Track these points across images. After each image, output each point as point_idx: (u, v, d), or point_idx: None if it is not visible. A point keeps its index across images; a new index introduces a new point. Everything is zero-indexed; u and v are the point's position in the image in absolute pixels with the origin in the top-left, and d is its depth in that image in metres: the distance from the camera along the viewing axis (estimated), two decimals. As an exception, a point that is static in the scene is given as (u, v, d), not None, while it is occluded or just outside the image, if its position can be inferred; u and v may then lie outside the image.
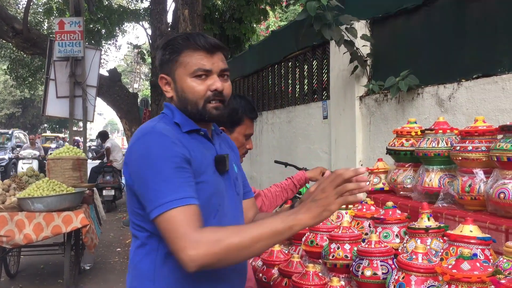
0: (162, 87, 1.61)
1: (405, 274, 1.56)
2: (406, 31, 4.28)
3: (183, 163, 1.42)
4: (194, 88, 1.53)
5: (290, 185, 2.66)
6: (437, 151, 2.13)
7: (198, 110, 1.54)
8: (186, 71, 1.53)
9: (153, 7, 9.62)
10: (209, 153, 1.56)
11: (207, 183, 1.48)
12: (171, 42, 1.57)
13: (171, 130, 1.50)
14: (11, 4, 17.82)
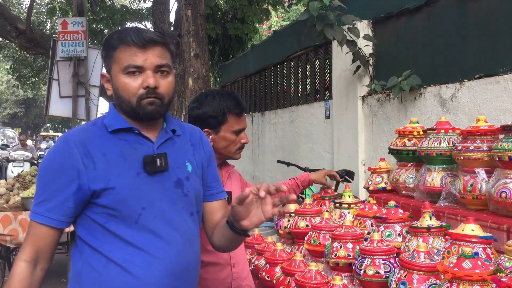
0: (104, 85, 1.56)
1: (407, 272, 1.57)
2: (408, 31, 4.29)
3: (66, 177, 1.41)
4: (126, 85, 1.46)
5: (293, 186, 2.61)
6: (439, 151, 2.15)
7: (132, 108, 1.47)
8: (119, 67, 1.47)
9: (156, 7, 9.63)
10: (138, 153, 1.48)
11: (117, 188, 1.42)
12: (108, 38, 1.52)
13: (85, 133, 1.48)
14: (14, 4, 17.87)
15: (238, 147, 2.12)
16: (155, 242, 1.44)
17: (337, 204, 2.43)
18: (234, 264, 2.09)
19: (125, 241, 1.43)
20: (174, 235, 1.48)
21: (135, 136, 1.50)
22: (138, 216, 1.44)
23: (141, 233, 1.44)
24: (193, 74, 5.63)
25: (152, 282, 1.43)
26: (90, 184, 1.41)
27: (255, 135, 8.22)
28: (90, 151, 1.43)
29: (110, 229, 1.43)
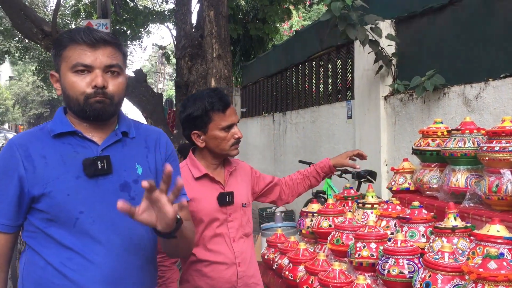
0: (53, 84, 1.53)
1: (432, 273, 1.57)
2: (432, 30, 4.26)
3: (7, 180, 1.41)
4: (74, 84, 1.43)
5: (312, 173, 2.52)
6: (463, 151, 2.13)
7: (80, 107, 1.44)
8: (67, 66, 1.44)
9: (178, 8, 9.71)
10: (80, 156, 1.45)
11: (53, 192, 1.41)
12: (59, 37, 1.49)
13: (28, 137, 1.47)
14: (40, 6, 18.23)
15: (232, 143, 2.09)
16: (92, 246, 1.43)
17: (360, 204, 2.43)
18: (240, 263, 2.11)
19: (63, 245, 1.42)
20: (113, 239, 1.44)
21: (79, 140, 1.48)
22: (76, 220, 1.42)
23: (79, 237, 1.42)
24: (215, 75, 5.67)
25: (87, 287, 1.42)
26: (30, 188, 1.41)
27: (276, 135, 8.24)
28: (31, 154, 1.42)
29: (49, 233, 1.43)
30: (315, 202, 2.76)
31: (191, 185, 2.06)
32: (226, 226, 2.12)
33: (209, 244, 2.09)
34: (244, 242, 2.17)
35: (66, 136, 1.47)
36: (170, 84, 35.40)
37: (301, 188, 2.50)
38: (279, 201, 2.47)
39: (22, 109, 36.38)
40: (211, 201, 2.09)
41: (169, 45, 19.75)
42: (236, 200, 2.13)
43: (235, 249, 2.12)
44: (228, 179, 2.16)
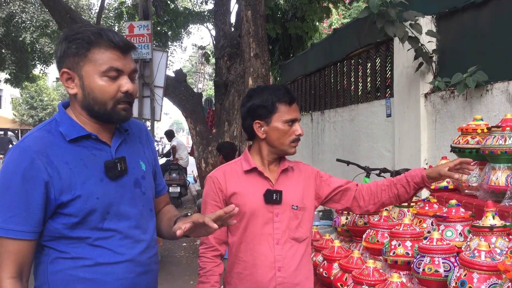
0: (64, 83, 1.49)
1: (467, 271, 1.55)
2: (474, 25, 4.14)
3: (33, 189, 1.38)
4: (105, 88, 1.44)
5: (401, 181, 2.09)
6: (504, 149, 2.08)
7: (107, 111, 1.46)
8: (96, 69, 1.43)
9: (217, 8, 9.83)
10: (98, 159, 1.48)
11: (83, 196, 1.43)
12: (80, 36, 1.44)
13: (44, 142, 1.43)
14: (85, 9, 18.81)
15: (292, 140, 2.01)
16: (120, 241, 1.49)
17: (397, 203, 2.41)
18: (280, 268, 1.96)
19: (92, 245, 1.46)
20: (136, 234, 1.52)
21: (92, 142, 1.49)
22: (104, 221, 1.46)
23: (107, 235, 1.47)
24: (252, 74, 5.72)
25: (120, 277, 1.48)
26: (57, 194, 1.41)
27: (314, 134, 8.21)
28: (53, 161, 1.41)
29: (75, 236, 1.44)
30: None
31: (240, 178, 2.02)
32: (271, 226, 1.98)
33: (251, 243, 1.99)
34: (292, 246, 2.00)
35: (82, 139, 1.48)
36: (210, 84, 35.79)
37: (385, 196, 2.10)
38: (356, 209, 2.14)
39: (68, 110, 37.58)
40: (256, 196, 1.99)
41: (209, 45, 19.98)
42: (285, 200, 2.00)
43: (276, 252, 1.97)
44: (280, 177, 2.05)
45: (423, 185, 2.04)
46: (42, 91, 34.04)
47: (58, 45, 1.48)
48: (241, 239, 2.00)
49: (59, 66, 1.49)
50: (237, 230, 2.00)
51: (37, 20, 16.40)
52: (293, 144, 2.04)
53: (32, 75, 20.90)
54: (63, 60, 1.47)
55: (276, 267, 1.95)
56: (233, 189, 2.00)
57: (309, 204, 2.07)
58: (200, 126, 10.01)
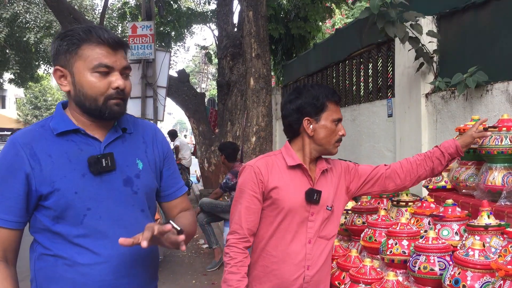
0: (57, 80, 1.50)
1: (461, 270, 1.57)
2: (474, 26, 4.16)
3: (14, 179, 1.42)
4: (94, 84, 1.45)
5: (435, 153, 2.10)
6: (500, 149, 2.10)
7: (98, 107, 1.47)
8: (86, 65, 1.45)
9: (220, 9, 9.87)
10: (84, 154, 1.48)
11: (62, 190, 1.43)
12: (70, 33, 1.46)
13: (32, 135, 1.47)
14: (88, 10, 18.88)
15: (337, 139, 2.00)
16: (100, 241, 1.47)
17: (395, 202, 2.43)
18: (309, 267, 1.96)
19: (71, 242, 1.46)
20: (119, 233, 1.45)
21: (82, 137, 1.50)
22: (83, 217, 1.45)
23: (87, 233, 1.46)
24: (254, 74, 5.74)
25: (97, 280, 1.47)
26: (37, 186, 1.43)
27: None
28: (36, 153, 1.43)
29: (57, 230, 1.45)
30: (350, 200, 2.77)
31: (282, 173, 1.99)
32: (305, 225, 1.97)
33: (283, 240, 1.96)
34: (320, 245, 1.99)
35: (70, 133, 1.49)
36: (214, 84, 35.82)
37: (422, 170, 2.09)
38: (391, 188, 2.11)
39: (72, 109, 37.71)
40: (297, 193, 1.97)
41: (211, 46, 20.02)
42: (322, 200, 1.98)
43: (307, 250, 1.97)
44: (319, 177, 2.02)
45: (456, 155, 2.07)
46: (46, 91, 34.17)
47: (52, 44, 1.52)
48: (272, 234, 1.97)
49: (54, 65, 1.52)
50: (270, 225, 1.95)
51: (41, 20, 16.48)
52: (337, 144, 2.02)
53: (36, 75, 20.99)
54: (56, 58, 1.49)
55: (306, 266, 1.96)
56: (275, 183, 1.96)
57: (338, 203, 2.07)
58: (203, 126, 10.04)
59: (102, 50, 1.45)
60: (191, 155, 12.13)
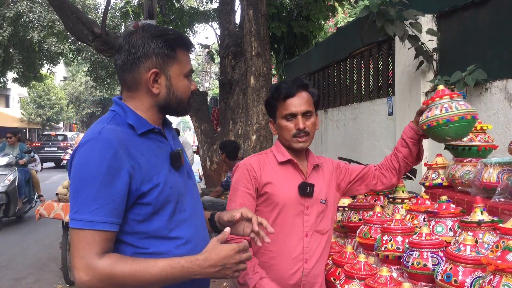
0: (149, 82, 1.49)
1: (453, 265, 1.59)
2: (474, 24, 4.16)
3: (117, 179, 1.38)
4: (186, 88, 1.55)
5: (400, 143, 2.15)
6: (446, 117, 2.02)
7: (184, 107, 1.57)
8: (182, 70, 1.52)
9: (222, 7, 9.86)
10: (164, 151, 1.53)
11: (160, 186, 1.46)
12: (166, 36, 1.50)
13: (120, 134, 1.44)
14: (91, 9, 18.92)
15: (293, 134, 2.00)
16: (188, 230, 1.53)
17: (391, 199, 2.45)
18: (307, 260, 2.00)
19: (166, 237, 1.47)
20: (199, 223, 1.59)
21: (156, 135, 1.54)
22: (175, 210, 1.50)
23: (177, 224, 1.50)
24: (254, 73, 5.75)
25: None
26: (138, 185, 1.42)
27: (318, 132, 8.24)
28: (132, 152, 1.43)
29: (147, 228, 1.45)
30: (346, 197, 2.79)
31: (274, 169, 2.02)
32: (301, 218, 2.00)
33: (280, 234, 1.97)
34: (316, 239, 2.03)
35: (148, 133, 1.51)
36: (216, 82, 35.83)
37: (395, 162, 2.14)
38: (380, 187, 2.17)
39: (76, 109, 37.85)
40: (291, 188, 1.99)
41: (214, 44, 20.04)
42: (315, 194, 2.01)
43: (305, 244, 2.00)
44: (311, 172, 2.06)
45: (416, 136, 2.07)
46: (50, 90, 34.25)
47: (140, 43, 1.48)
48: None
49: (138, 65, 1.48)
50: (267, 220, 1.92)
51: (44, 19, 16.53)
52: (295, 139, 2.01)
53: (39, 75, 21.06)
54: (147, 59, 1.48)
55: (304, 259, 1.99)
56: (268, 179, 2.00)
57: (331, 198, 2.11)
58: (205, 125, 10.06)
59: (188, 56, 1.56)
60: (193, 154, 12.15)
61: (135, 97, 1.53)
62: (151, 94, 1.51)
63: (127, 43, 1.50)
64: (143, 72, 1.48)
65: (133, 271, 1.36)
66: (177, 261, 1.40)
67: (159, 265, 1.38)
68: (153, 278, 1.37)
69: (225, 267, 1.42)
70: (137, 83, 1.50)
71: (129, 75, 1.51)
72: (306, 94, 2.04)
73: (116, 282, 1.36)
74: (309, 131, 2.02)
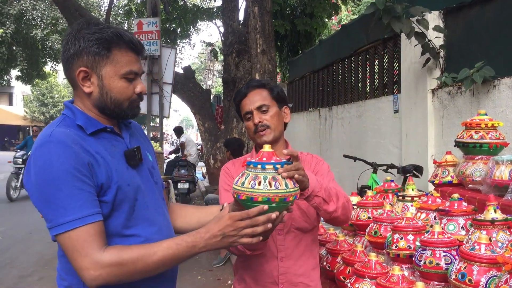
0: (79, 81, 1.47)
1: (467, 264, 1.56)
2: (481, 21, 4.13)
3: (85, 174, 1.37)
4: (123, 90, 1.48)
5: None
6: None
7: (122, 110, 1.50)
8: (116, 70, 1.46)
9: (225, 5, 9.84)
10: (118, 150, 1.51)
11: (119, 183, 1.43)
12: (100, 35, 1.44)
13: (71, 135, 1.41)
14: (95, 7, 18.92)
15: (253, 131, 1.97)
16: (149, 228, 1.50)
17: (400, 197, 2.42)
18: (282, 258, 1.92)
19: (123, 235, 1.45)
20: (163, 220, 1.57)
21: (110, 134, 1.52)
22: (134, 208, 1.47)
23: (137, 222, 1.48)
24: (259, 70, 5.73)
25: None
26: (97, 180, 1.40)
27: (322, 130, 8.21)
28: (88, 150, 1.41)
29: (110, 225, 1.43)
30: (354, 195, 2.77)
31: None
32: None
33: None
34: (296, 236, 1.94)
35: (99, 132, 1.49)
36: (219, 80, 35.81)
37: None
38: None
39: (78, 107, 37.86)
40: None
41: (217, 42, 20.00)
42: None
43: (278, 242, 1.92)
44: None
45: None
46: (53, 88, 34.31)
47: (72, 41, 1.45)
48: None
49: (72, 63, 1.46)
50: None
51: (48, 17, 16.54)
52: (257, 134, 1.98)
53: (43, 72, 21.08)
54: (79, 57, 1.45)
55: (278, 257, 1.92)
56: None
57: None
58: (208, 123, 10.04)
59: (131, 57, 1.48)
60: (197, 151, 12.15)
61: (77, 97, 1.53)
62: (86, 94, 1.49)
63: (64, 41, 1.49)
64: (75, 70, 1.46)
65: (141, 255, 1.36)
66: (180, 238, 1.42)
67: (163, 245, 1.39)
68: (160, 258, 1.38)
69: (226, 236, 1.39)
70: (73, 82, 1.50)
71: (66, 73, 1.51)
72: (260, 91, 2.01)
73: (127, 270, 1.35)
74: (268, 123, 1.96)
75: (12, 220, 9.32)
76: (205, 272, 5.77)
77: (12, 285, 5.49)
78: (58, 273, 1.53)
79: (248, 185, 1.41)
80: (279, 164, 1.44)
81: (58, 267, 1.53)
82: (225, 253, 5.90)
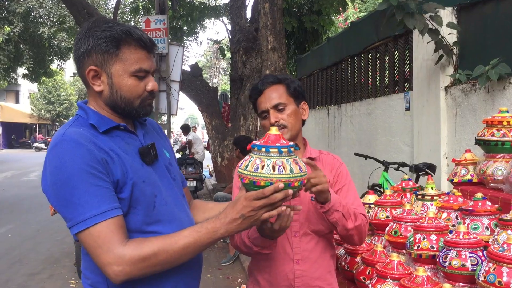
0: (89, 80, 1.46)
1: (497, 265, 1.52)
2: (496, 17, 4.07)
3: (100, 170, 1.35)
4: (133, 88, 1.46)
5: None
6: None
7: (134, 108, 1.48)
8: (126, 68, 1.44)
9: (233, 2, 9.80)
10: (132, 147, 1.49)
11: (135, 180, 1.42)
12: (109, 33, 1.43)
13: (84, 134, 1.40)
14: (101, 5, 18.91)
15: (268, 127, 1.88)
16: (170, 225, 1.46)
17: (419, 196, 2.38)
18: (299, 261, 1.86)
19: (144, 231, 1.42)
20: (181, 216, 1.52)
21: (122, 132, 1.50)
22: (154, 204, 1.45)
23: (158, 219, 1.45)
24: (270, 67, 5.69)
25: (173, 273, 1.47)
26: (115, 177, 1.39)
27: (331, 128, 8.17)
28: (102, 148, 1.40)
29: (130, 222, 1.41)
30: (371, 194, 2.72)
31: None
32: None
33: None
34: (312, 239, 1.87)
35: (112, 130, 1.48)
36: (225, 78, 35.81)
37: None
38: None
39: (85, 104, 37.98)
40: None
41: (224, 40, 19.97)
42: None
43: (293, 244, 1.86)
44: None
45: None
46: (60, 86, 34.43)
47: (82, 40, 1.45)
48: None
49: (82, 62, 1.45)
50: None
51: (55, 15, 16.56)
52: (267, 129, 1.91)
53: (49, 70, 21.12)
54: (89, 56, 1.44)
55: (294, 260, 1.86)
56: None
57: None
58: (215, 121, 10.01)
59: (141, 54, 1.45)
60: (204, 149, 12.12)
61: (90, 96, 1.52)
62: (97, 92, 1.47)
63: (75, 40, 1.48)
64: (85, 69, 1.45)
65: (162, 246, 1.35)
66: (200, 225, 1.40)
67: (184, 233, 1.38)
68: (182, 247, 1.36)
69: (245, 217, 1.37)
70: (85, 81, 1.48)
71: (79, 73, 1.50)
72: (277, 87, 1.94)
73: (150, 263, 1.33)
74: (285, 123, 1.89)
75: (21, 218, 9.33)
76: (214, 271, 5.75)
77: (22, 282, 5.48)
78: (82, 273, 1.51)
79: (251, 169, 1.38)
80: (284, 148, 1.40)
81: (82, 266, 1.51)
82: (234, 252, 5.87)
